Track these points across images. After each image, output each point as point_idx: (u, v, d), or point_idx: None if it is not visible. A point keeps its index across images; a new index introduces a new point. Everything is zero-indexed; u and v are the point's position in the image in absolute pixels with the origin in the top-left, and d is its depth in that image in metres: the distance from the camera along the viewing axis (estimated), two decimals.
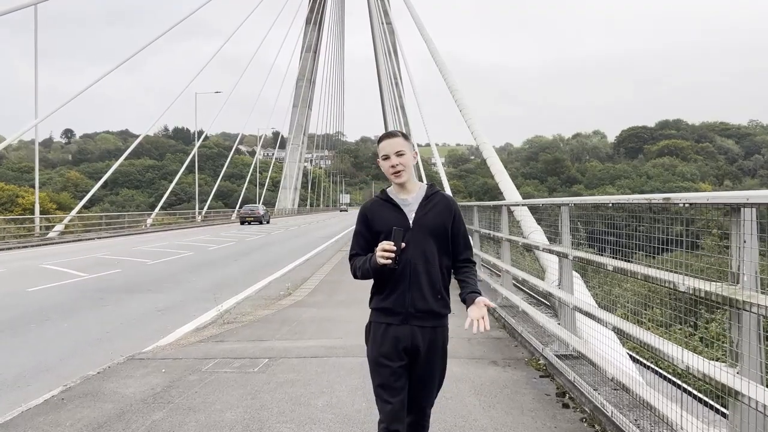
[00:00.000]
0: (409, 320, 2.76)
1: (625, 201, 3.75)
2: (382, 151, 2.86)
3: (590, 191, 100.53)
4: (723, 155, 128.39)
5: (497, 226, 9.99)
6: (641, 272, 3.55)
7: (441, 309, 2.82)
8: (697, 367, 2.93)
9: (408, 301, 2.76)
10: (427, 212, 2.84)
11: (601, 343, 5.27)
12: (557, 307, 6.33)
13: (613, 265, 3.98)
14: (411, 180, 2.89)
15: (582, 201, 4.78)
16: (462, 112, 16.01)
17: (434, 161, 43.67)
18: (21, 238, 28.46)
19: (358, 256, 2.89)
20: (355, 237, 2.94)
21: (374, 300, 2.87)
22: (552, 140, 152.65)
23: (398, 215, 2.82)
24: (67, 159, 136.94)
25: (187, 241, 26.79)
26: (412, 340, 2.76)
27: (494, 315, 8.38)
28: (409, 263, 2.74)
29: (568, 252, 5.06)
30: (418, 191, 2.89)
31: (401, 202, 2.86)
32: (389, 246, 2.66)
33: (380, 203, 2.90)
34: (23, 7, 24.30)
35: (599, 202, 4.30)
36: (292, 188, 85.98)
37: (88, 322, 8.88)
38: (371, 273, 2.78)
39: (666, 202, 3.23)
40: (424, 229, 2.80)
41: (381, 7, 74.17)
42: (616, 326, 4.01)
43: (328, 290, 11.40)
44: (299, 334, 7.43)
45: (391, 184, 2.93)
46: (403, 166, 2.82)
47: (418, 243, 2.77)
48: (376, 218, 2.86)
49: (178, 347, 6.85)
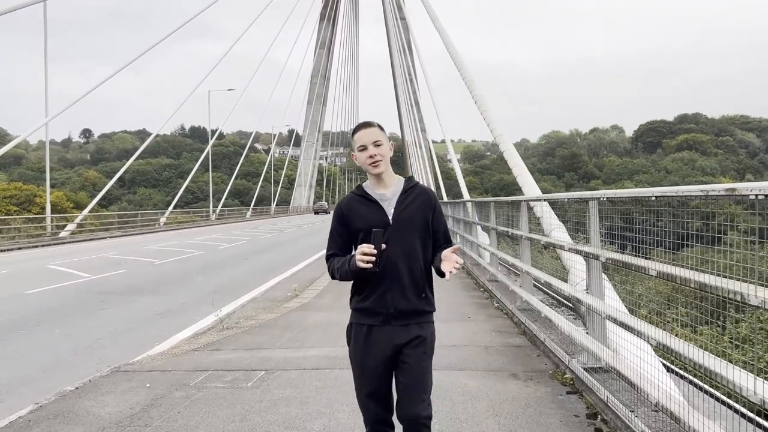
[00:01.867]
0: (390, 321, 2.67)
1: (673, 193, 3.12)
2: (359, 141, 2.72)
3: (608, 186, 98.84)
4: (744, 149, 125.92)
5: (515, 224, 9.38)
6: (695, 279, 2.93)
7: (425, 307, 2.72)
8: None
9: (389, 301, 2.65)
10: (407, 207, 2.71)
11: (633, 354, 4.68)
12: (584, 314, 5.70)
13: (657, 270, 3.36)
14: (388, 172, 2.76)
15: (616, 195, 4.14)
16: (478, 105, 15.35)
17: (449, 157, 42.93)
18: (32, 237, 28.26)
19: (336, 256, 2.78)
20: (331, 236, 2.82)
21: (353, 300, 2.77)
22: (569, 135, 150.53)
23: (376, 211, 2.70)
24: (86, 159, 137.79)
25: (199, 240, 26.39)
26: (394, 340, 2.67)
27: (513, 320, 7.76)
28: (389, 262, 2.62)
29: (599, 253, 4.43)
30: (396, 185, 2.77)
31: (379, 197, 2.74)
32: (369, 250, 2.53)
33: (357, 199, 2.77)
34: (29, 4, 23.98)
35: (639, 195, 3.66)
36: (307, 186, 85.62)
37: (81, 328, 8.40)
38: (351, 275, 2.66)
39: (730, 194, 2.61)
40: (405, 224, 2.68)
41: (395, 2, 73.50)
42: (660, 342, 3.38)
43: (337, 291, 10.83)
44: (301, 342, 6.86)
45: (367, 179, 2.82)
46: (381, 156, 2.70)
47: (398, 240, 2.65)
48: (353, 215, 2.73)
49: (170, 357, 6.31)
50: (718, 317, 5.54)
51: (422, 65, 46.26)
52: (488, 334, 7.10)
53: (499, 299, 9.02)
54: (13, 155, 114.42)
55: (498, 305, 8.95)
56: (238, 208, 69.41)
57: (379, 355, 2.69)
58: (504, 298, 8.71)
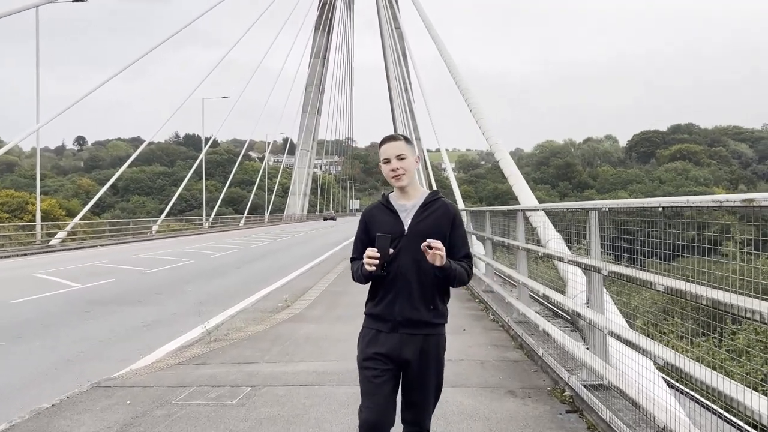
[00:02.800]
0: (398, 328, 2.69)
1: (682, 204, 2.93)
2: (384, 154, 2.79)
3: (602, 196, 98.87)
4: (737, 159, 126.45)
5: (510, 233, 9.19)
6: (707, 296, 2.73)
7: (433, 319, 2.73)
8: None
9: (397, 309, 2.69)
10: (424, 219, 2.74)
11: (635, 372, 4.48)
12: (584, 328, 5.50)
13: (664, 285, 3.16)
14: (413, 185, 2.81)
15: (619, 204, 3.93)
16: (473, 113, 15.18)
17: (444, 166, 42.82)
18: (22, 245, 27.90)
19: (357, 260, 2.83)
20: (355, 241, 2.91)
21: (367, 305, 2.83)
22: (563, 145, 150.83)
23: (393, 220, 2.75)
24: (79, 166, 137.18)
25: (191, 248, 26.10)
26: (401, 348, 2.68)
27: (509, 333, 7.55)
28: (400, 271, 2.68)
29: (601, 266, 4.23)
30: (419, 197, 2.81)
31: (399, 207, 2.79)
32: (373, 253, 2.60)
33: (380, 208, 2.84)
34: (23, 9, 23.78)
35: (644, 205, 3.46)
36: (302, 194, 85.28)
37: (64, 340, 8.14)
38: (363, 279, 2.74)
39: (747, 205, 2.41)
40: (419, 235, 2.67)
41: (390, 12, 73.60)
42: (668, 362, 3.18)
43: (329, 302, 10.60)
44: (291, 356, 6.62)
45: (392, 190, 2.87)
46: (403, 170, 2.75)
47: (411, 251, 2.67)
48: (374, 223, 2.80)
49: (153, 371, 6.07)
50: (714, 329, 5.40)
51: (417, 73, 46.11)
52: (484, 347, 6.88)
53: (494, 311, 8.81)
54: (5, 162, 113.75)
55: (494, 317, 8.74)
56: (231, 216, 69.03)
57: (384, 362, 2.69)
58: (500, 310, 8.51)
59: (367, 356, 2.72)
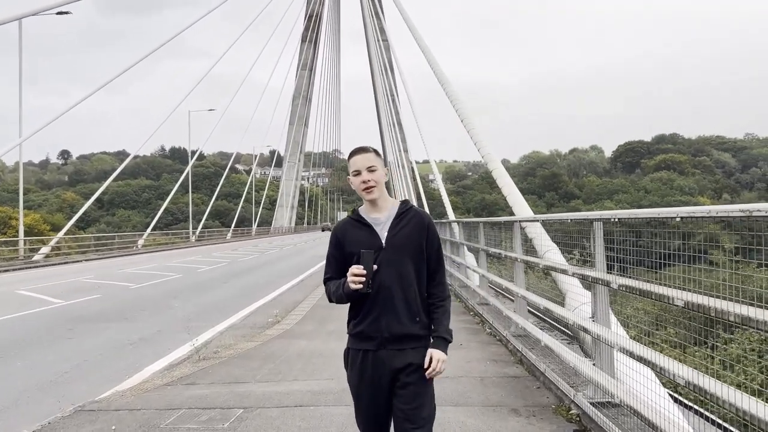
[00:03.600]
0: (385, 345, 2.63)
1: (704, 213, 2.76)
2: (353, 166, 2.71)
3: (588, 206, 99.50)
4: (720, 169, 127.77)
5: (501, 244, 9.02)
6: (735, 312, 2.56)
7: (420, 331, 2.66)
8: None
9: (383, 325, 2.62)
10: (400, 230, 2.68)
11: (645, 387, 4.32)
12: (589, 342, 5.32)
13: (684, 300, 2.99)
14: (383, 197, 2.74)
15: (630, 215, 3.76)
16: (464, 123, 15.04)
17: (432, 178, 42.73)
18: (5, 261, 27.36)
19: (332, 280, 2.75)
20: (328, 260, 2.80)
21: (350, 325, 2.74)
22: (549, 156, 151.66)
23: (370, 235, 2.68)
24: (64, 180, 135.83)
25: (177, 262, 25.71)
26: (390, 365, 2.63)
27: (508, 347, 7.36)
28: (382, 286, 2.61)
29: (609, 279, 4.06)
30: (391, 209, 2.75)
31: (373, 221, 2.72)
32: (358, 270, 2.54)
33: (351, 223, 2.75)
34: (8, 21, 23.47)
35: (660, 215, 3.28)
36: (289, 206, 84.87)
37: (47, 360, 7.84)
38: (345, 298, 2.65)
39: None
40: (398, 248, 2.65)
41: (377, 24, 73.81)
42: (689, 381, 3.00)
43: (320, 317, 10.36)
44: (283, 375, 6.38)
45: (362, 203, 2.80)
46: (374, 182, 2.69)
47: (391, 264, 2.63)
48: (348, 239, 2.72)
49: (140, 393, 5.80)
50: (706, 336, 5.30)
51: (405, 84, 46.14)
52: (483, 363, 6.68)
53: (491, 324, 8.62)
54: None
55: (491, 331, 8.55)
56: (218, 230, 68.46)
57: (374, 382, 2.64)
58: (497, 323, 8.32)
59: (360, 390, 2.70)
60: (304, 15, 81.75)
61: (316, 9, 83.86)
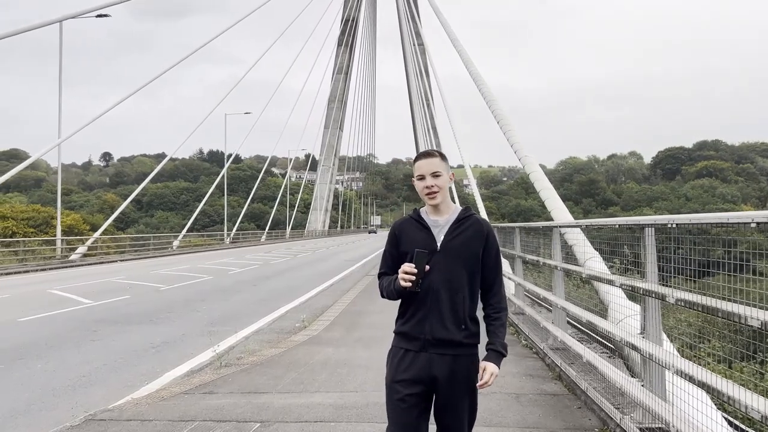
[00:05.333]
0: (427, 348, 2.57)
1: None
2: (418, 170, 2.68)
3: (626, 213, 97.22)
4: (765, 176, 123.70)
5: (540, 251, 8.57)
6: None
7: (465, 339, 2.59)
8: None
9: (427, 328, 2.58)
10: (457, 236, 2.64)
11: (695, 408, 3.88)
12: (637, 361, 4.86)
13: (761, 319, 2.54)
14: (445, 202, 2.70)
15: (692, 220, 3.29)
16: (501, 125, 14.52)
17: (466, 182, 42.12)
18: (44, 260, 27.81)
19: (386, 275, 2.74)
20: (384, 256, 2.79)
21: (397, 323, 2.71)
22: (586, 161, 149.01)
23: (426, 236, 2.65)
24: (105, 182, 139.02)
25: (210, 264, 25.74)
26: (429, 368, 2.56)
27: (545, 361, 6.90)
28: (431, 289, 2.57)
29: (665, 292, 3.60)
30: (452, 213, 2.71)
31: (432, 223, 2.68)
32: (410, 268, 2.52)
33: (411, 222, 2.73)
34: (45, 24, 23.87)
35: (729, 220, 2.83)
36: (323, 210, 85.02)
37: (67, 362, 7.66)
38: (395, 294, 2.64)
39: None
40: (452, 253, 2.61)
41: (412, 29, 73.56)
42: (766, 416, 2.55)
43: (348, 323, 10.02)
44: (306, 385, 6.05)
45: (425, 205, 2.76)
46: (438, 187, 2.65)
47: (443, 268, 2.59)
48: (404, 238, 2.70)
49: (155, 401, 5.53)
50: (754, 351, 4.89)
51: (440, 89, 45.64)
52: (518, 378, 6.24)
53: (527, 336, 8.15)
54: (34, 178, 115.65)
55: (526, 342, 8.08)
56: (252, 232, 68.89)
57: (411, 376, 2.57)
58: (533, 335, 7.85)
59: (395, 379, 2.61)
60: (341, 19, 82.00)
61: (353, 14, 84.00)
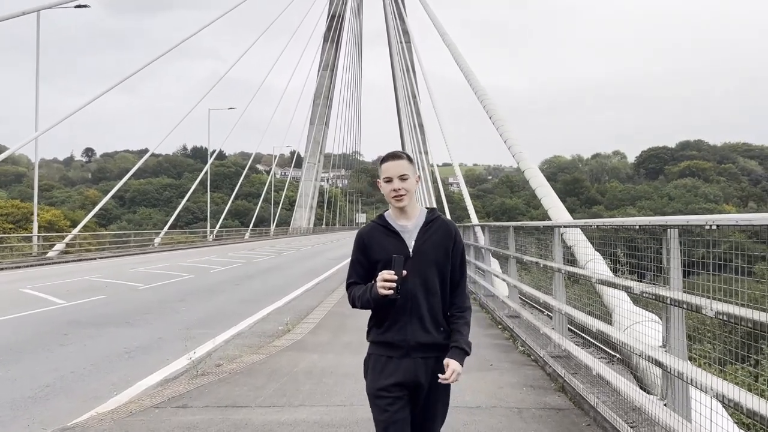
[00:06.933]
0: (410, 353, 2.58)
1: None
2: (385, 173, 2.66)
3: (610, 212, 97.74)
4: (746, 176, 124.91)
5: (535, 251, 8.17)
6: None
7: (444, 340, 2.62)
8: None
9: (409, 334, 2.58)
10: (427, 239, 2.66)
11: (722, 428, 3.50)
12: (657, 375, 4.44)
13: None
14: (411, 204, 2.70)
15: (740, 221, 2.84)
16: (494, 122, 14.10)
17: (451, 181, 41.72)
18: (21, 256, 27.00)
19: (356, 284, 2.70)
20: (352, 265, 2.74)
21: (372, 333, 2.69)
22: (570, 160, 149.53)
23: (396, 242, 2.64)
24: (87, 177, 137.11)
25: (191, 261, 25.10)
26: (414, 373, 2.57)
27: (546, 370, 6.47)
28: (409, 294, 2.56)
29: (700, 303, 3.17)
30: (418, 216, 2.71)
31: (400, 228, 2.68)
32: (390, 275, 2.48)
33: (378, 229, 2.70)
34: (25, 13, 23.09)
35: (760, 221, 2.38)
36: (308, 207, 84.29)
37: (32, 370, 7.10)
38: (371, 303, 2.58)
39: None
40: (425, 257, 2.62)
41: (399, 26, 73.05)
42: None
43: (335, 326, 9.54)
44: (288, 397, 5.56)
45: (387, 209, 2.78)
46: (405, 190, 2.64)
47: (418, 272, 2.59)
48: (374, 245, 2.67)
49: (122, 417, 5.02)
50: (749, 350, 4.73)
51: (428, 86, 45.23)
52: (518, 389, 5.80)
53: (524, 341, 7.72)
54: (14, 173, 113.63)
55: (524, 348, 7.65)
56: (236, 229, 68.08)
57: (397, 380, 2.56)
58: (531, 341, 7.42)
59: (380, 386, 2.57)
60: (327, 15, 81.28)
61: (339, 10, 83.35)
